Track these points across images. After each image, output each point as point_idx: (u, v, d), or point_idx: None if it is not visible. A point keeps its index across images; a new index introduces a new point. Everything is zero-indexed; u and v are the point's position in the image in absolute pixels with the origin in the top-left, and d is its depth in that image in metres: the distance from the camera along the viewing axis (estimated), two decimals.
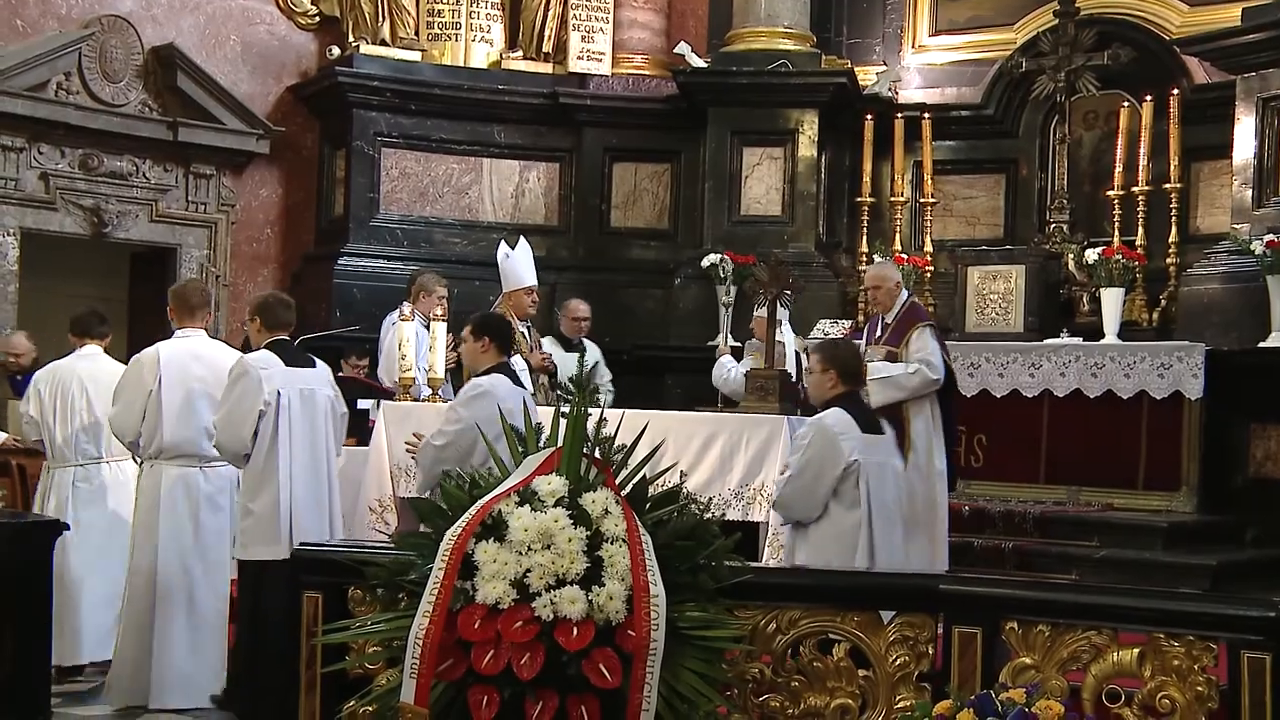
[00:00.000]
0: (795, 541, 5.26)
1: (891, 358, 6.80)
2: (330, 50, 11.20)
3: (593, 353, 8.66)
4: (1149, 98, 9.38)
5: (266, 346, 6.07)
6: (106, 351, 7.19)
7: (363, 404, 7.91)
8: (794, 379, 6.87)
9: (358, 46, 11.00)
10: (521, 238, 8.40)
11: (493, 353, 5.89)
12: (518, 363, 6.79)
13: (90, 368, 7.03)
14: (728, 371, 7.65)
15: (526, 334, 7.91)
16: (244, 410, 5.85)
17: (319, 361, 6.27)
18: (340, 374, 9.10)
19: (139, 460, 6.34)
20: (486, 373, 5.82)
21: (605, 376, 8.41)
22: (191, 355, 6.31)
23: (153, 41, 10.49)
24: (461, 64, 11.33)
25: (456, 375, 7.38)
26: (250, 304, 6.45)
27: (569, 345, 8.84)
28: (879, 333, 7.04)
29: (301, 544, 4.44)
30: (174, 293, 6.62)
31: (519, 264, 8.01)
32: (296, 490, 5.91)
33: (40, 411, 6.96)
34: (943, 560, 6.66)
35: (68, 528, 6.06)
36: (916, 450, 6.66)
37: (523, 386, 6.05)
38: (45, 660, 5.65)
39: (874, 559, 5.09)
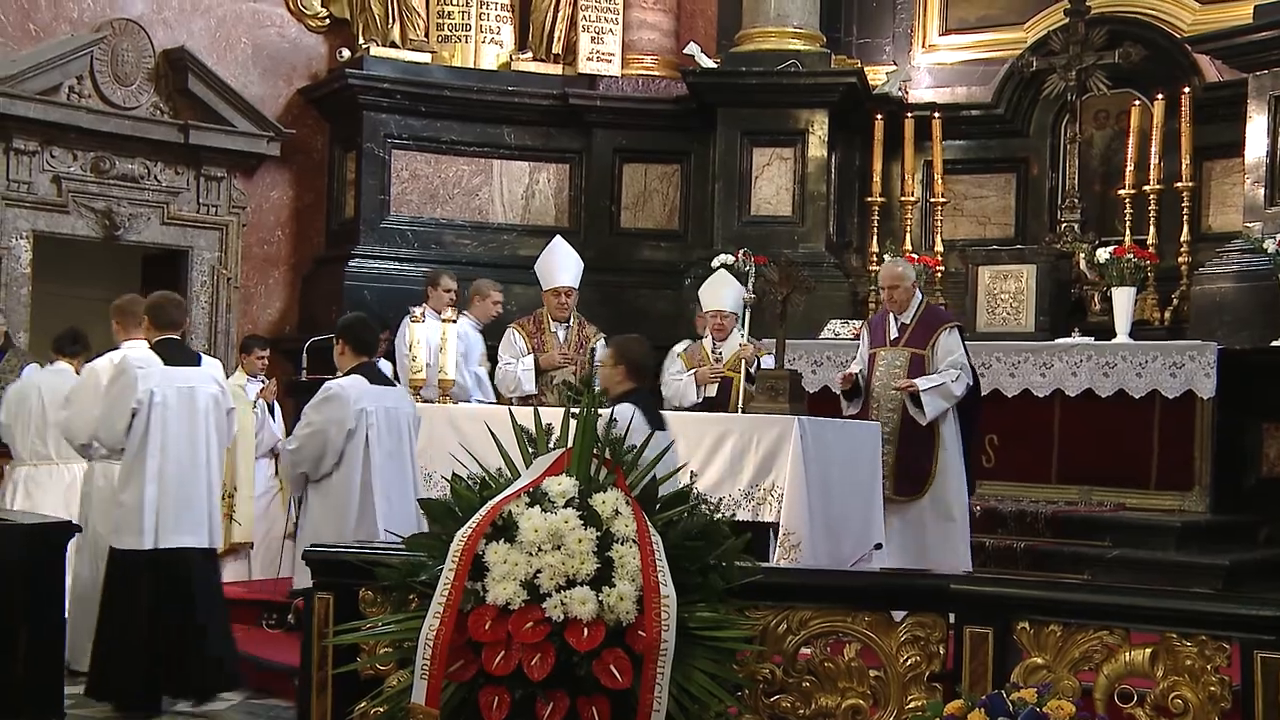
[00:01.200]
0: None
1: (917, 360, 6.72)
2: (340, 52, 11.22)
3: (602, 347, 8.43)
4: (1160, 96, 9.36)
5: (153, 345, 6.41)
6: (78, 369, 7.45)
7: None
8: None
9: (368, 48, 11.02)
10: (558, 238, 8.26)
11: (349, 355, 6.10)
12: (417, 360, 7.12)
13: (52, 381, 7.75)
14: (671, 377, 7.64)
15: (560, 335, 7.76)
16: (120, 406, 6.19)
17: (206, 359, 6.64)
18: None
19: (91, 459, 6.64)
20: (348, 374, 6.05)
21: None
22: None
23: (164, 44, 10.52)
24: (471, 65, 11.35)
25: None
26: (144, 305, 6.76)
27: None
28: (895, 334, 6.93)
29: (311, 545, 4.44)
30: (118, 308, 6.99)
31: (548, 264, 7.92)
32: (167, 485, 6.18)
33: (7, 417, 7.82)
34: (965, 559, 6.67)
35: (79, 529, 6.09)
36: (948, 450, 6.66)
37: (390, 384, 6.25)
38: (58, 660, 5.68)
39: None
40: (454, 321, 7.57)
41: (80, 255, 10.95)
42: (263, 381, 9.45)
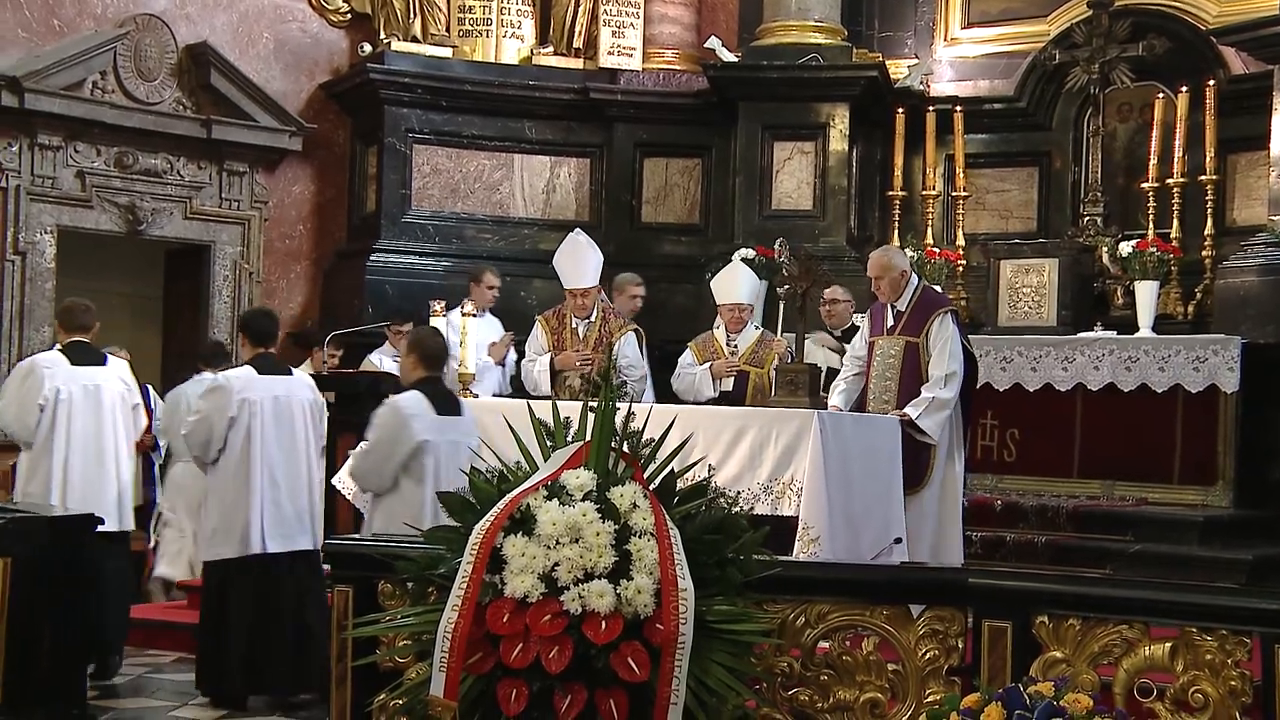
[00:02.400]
0: (373, 509, 5.90)
1: (911, 348, 6.59)
2: (362, 47, 11.25)
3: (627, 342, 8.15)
4: (1185, 89, 9.30)
5: (63, 347, 7.07)
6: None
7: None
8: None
9: (389, 43, 11.04)
10: (574, 235, 7.94)
11: (248, 346, 6.69)
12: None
13: (196, 391, 7.89)
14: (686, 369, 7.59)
15: (580, 330, 7.59)
16: (28, 403, 6.85)
17: (112, 360, 7.21)
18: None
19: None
20: (243, 364, 6.66)
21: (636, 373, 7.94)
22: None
23: (186, 40, 10.57)
24: (492, 60, 11.36)
25: None
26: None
27: None
28: (890, 321, 6.75)
29: (331, 538, 4.46)
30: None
31: (565, 265, 7.68)
32: (72, 477, 6.83)
33: (164, 423, 8.41)
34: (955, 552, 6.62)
35: (102, 521, 6.14)
36: (943, 442, 6.59)
37: (285, 374, 6.65)
38: (82, 654, 5.71)
39: None
40: (475, 316, 7.53)
41: (104, 250, 11.01)
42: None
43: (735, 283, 7.66)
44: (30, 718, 5.39)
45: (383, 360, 9.57)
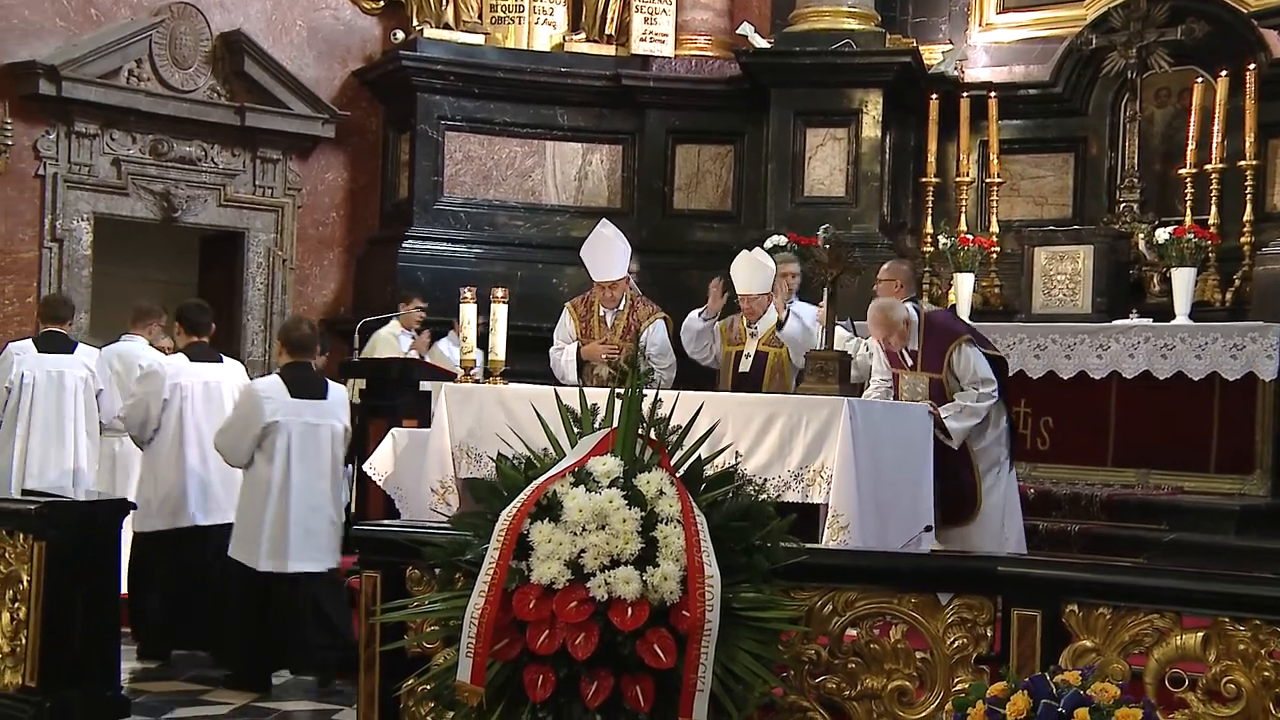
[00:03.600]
0: (244, 483, 6.47)
1: (935, 384, 6.41)
2: (394, 34, 11.28)
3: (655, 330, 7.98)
4: (1224, 73, 9.17)
5: (35, 336, 7.89)
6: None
7: (424, 386, 7.98)
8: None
9: (421, 30, 11.06)
10: (601, 227, 7.74)
11: (183, 335, 7.25)
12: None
13: None
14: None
15: (608, 319, 7.53)
16: None
17: (82, 348, 7.78)
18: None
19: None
20: (177, 351, 7.29)
21: (665, 361, 7.83)
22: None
23: (221, 28, 10.63)
24: (524, 47, 11.36)
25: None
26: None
27: None
28: (909, 361, 6.57)
29: (359, 524, 4.48)
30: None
31: (591, 257, 7.51)
32: (31, 455, 7.56)
33: None
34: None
35: (134, 506, 6.20)
36: (995, 472, 6.54)
37: (216, 362, 7.19)
38: (115, 636, 5.76)
39: (289, 509, 6.25)
40: (506, 304, 7.47)
41: (139, 237, 11.09)
42: (414, 335, 9.68)
43: (749, 274, 7.54)
44: (64, 700, 5.45)
45: (399, 339, 9.68)
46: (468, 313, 6.82)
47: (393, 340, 9.84)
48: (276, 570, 6.29)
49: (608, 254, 7.40)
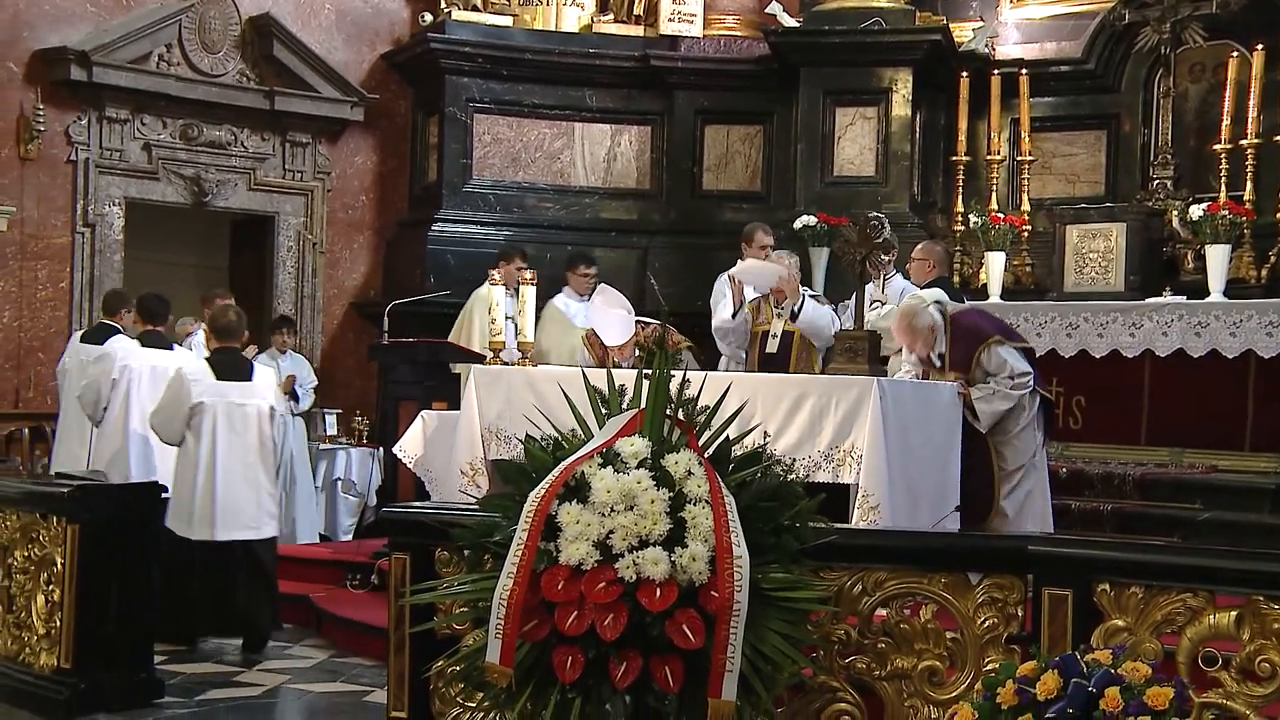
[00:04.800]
0: (177, 460, 6.99)
1: (967, 384, 6.39)
2: (422, 17, 11.27)
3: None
4: (1260, 46, 9.03)
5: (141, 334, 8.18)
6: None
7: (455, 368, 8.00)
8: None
9: (450, 13, 11.05)
10: (598, 296, 8.18)
11: (140, 322, 7.87)
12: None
13: None
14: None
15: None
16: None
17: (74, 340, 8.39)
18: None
19: None
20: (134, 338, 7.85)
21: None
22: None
23: (249, 12, 10.65)
24: (553, 28, 11.34)
25: None
26: None
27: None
28: (938, 364, 6.54)
29: (389, 506, 4.50)
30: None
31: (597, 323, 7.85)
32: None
33: None
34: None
35: (165, 490, 6.25)
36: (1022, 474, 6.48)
37: (166, 349, 7.79)
38: (148, 618, 5.80)
39: (215, 482, 6.80)
40: (534, 285, 7.48)
41: (170, 222, 11.15)
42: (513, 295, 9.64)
43: (756, 279, 7.64)
44: (98, 681, 5.50)
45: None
46: (497, 294, 6.82)
47: (488, 297, 9.39)
48: (205, 539, 6.80)
49: (608, 322, 7.63)
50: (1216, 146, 9.21)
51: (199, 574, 6.77)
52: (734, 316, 7.70)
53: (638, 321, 7.86)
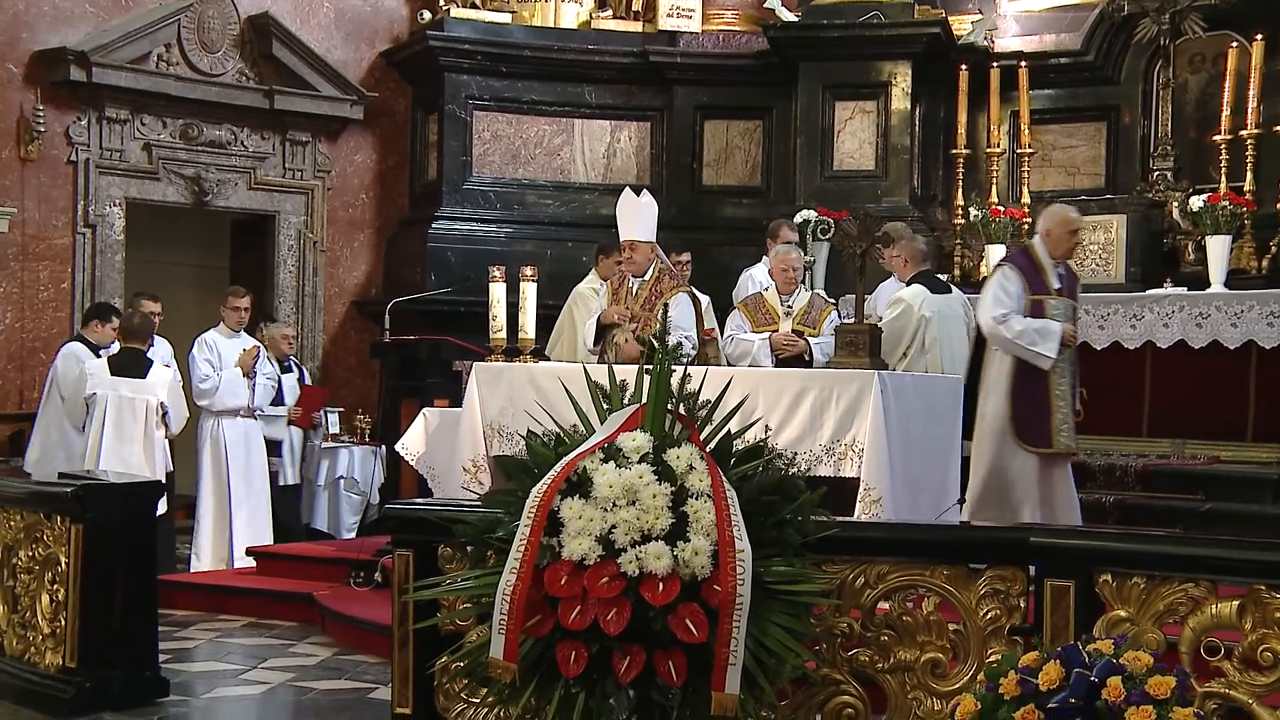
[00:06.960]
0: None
1: (1072, 310, 6.59)
2: (421, 14, 11.27)
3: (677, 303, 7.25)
4: (1260, 37, 9.03)
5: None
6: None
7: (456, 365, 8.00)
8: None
9: (448, 10, 11.05)
10: (627, 190, 7.59)
11: (119, 341, 8.38)
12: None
13: None
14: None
15: (633, 287, 7.36)
16: None
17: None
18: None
19: None
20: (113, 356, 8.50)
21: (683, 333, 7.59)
22: None
23: (248, 11, 10.65)
24: (551, 25, 11.34)
25: None
26: None
27: None
28: (1056, 284, 6.58)
29: (392, 503, 4.50)
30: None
31: (619, 213, 7.53)
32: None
33: None
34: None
35: (169, 488, 6.25)
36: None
37: (145, 364, 8.26)
38: (153, 616, 5.81)
39: (98, 463, 7.72)
40: (535, 282, 7.42)
41: (171, 222, 11.15)
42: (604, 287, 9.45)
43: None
44: (103, 679, 5.51)
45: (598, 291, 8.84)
46: (497, 292, 6.81)
47: (590, 294, 8.65)
48: None
49: (634, 214, 7.24)
50: (1216, 137, 9.22)
51: None
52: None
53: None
